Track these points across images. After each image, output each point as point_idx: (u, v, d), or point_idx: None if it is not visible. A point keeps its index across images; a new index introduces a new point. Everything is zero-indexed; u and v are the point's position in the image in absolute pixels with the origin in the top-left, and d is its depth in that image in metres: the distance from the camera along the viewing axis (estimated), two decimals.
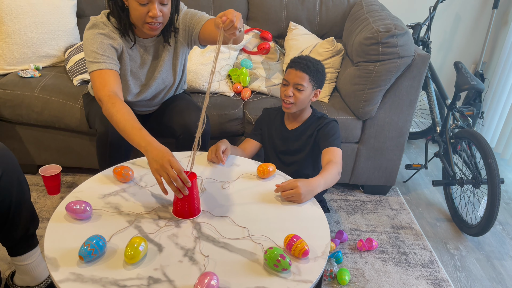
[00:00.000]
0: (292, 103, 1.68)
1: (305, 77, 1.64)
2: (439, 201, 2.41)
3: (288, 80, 1.67)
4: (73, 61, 2.23)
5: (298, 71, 1.64)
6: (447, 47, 3.01)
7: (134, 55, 1.66)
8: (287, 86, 1.68)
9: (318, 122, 1.76)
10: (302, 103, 1.69)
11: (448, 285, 1.78)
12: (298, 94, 1.66)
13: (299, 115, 1.78)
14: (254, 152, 1.86)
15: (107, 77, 1.49)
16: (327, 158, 1.62)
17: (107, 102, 1.42)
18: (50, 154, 2.20)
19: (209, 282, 0.96)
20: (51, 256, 1.06)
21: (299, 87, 1.65)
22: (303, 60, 1.66)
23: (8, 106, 2.06)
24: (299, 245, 1.11)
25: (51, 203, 2.06)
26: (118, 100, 1.42)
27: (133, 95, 1.74)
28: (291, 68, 1.67)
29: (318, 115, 1.79)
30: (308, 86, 1.66)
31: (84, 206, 1.17)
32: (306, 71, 1.64)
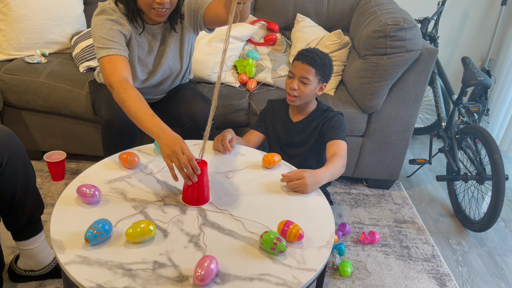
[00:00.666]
0: (297, 96, 1.67)
1: (311, 70, 1.63)
2: (442, 196, 2.41)
3: (294, 72, 1.66)
4: (79, 48, 2.23)
5: (304, 64, 1.63)
6: (454, 43, 2.99)
7: (142, 41, 1.65)
8: (292, 78, 1.66)
9: (323, 115, 1.75)
10: (306, 97, 1.68)
11: (449, 280, 1.78)
12: (303, 87, 1.64)
13: (304, 107, 1.77)
14: (258, 143, 1.85)
15: (117, 63, 1.48)
16: (332, 151, 1.61)
17: (119, 88, 1.40)
18: (55, 141, 2.21)
19: (208, 266, 0.97)
20: (57, 239, 1.06)
21: (304, 81, 1.63)
22: (310, 53, 1.64)
23: (14, 92, 2.06)
24: (293, 229, 1.12)
25: (55, 189, 2.07)
26: (129, 86, 1.41)
27: (139, 81, 1.74)
28: (297, 60, 1.65)
29: (323, 108, 1.78)
30: (314, 80, 1.65)
31: (93, 190, 1.18)
32: (312, 65, 1.62)
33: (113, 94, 1.45)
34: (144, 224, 1.07)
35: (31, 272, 1.51)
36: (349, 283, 1.70)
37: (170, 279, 0.98)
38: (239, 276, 1.01)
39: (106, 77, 1.48)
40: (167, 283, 0.97)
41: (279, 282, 1.00)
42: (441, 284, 1.76)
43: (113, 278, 0.97)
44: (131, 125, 1.65)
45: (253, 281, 1.00)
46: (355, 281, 1.72)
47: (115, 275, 0.98)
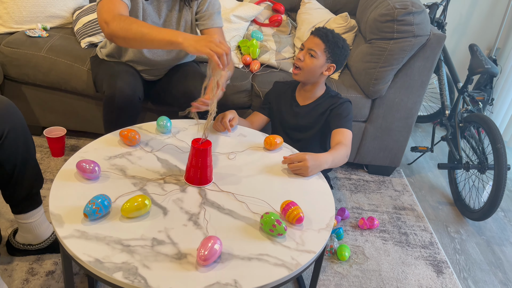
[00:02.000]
0: (300, 69, 1.65)
1: (321, 45, 1.62)
2: (442, 185, 2.40)
3: (305, 45, 1.66)
4: (81, 23, 2.19)
5: (316, 37, 1.63)
6: (462, 30, 2.95)
7: (147, 8, 1.62)
8: (302, 50, 1.66)
9: (331, 101, 1.72)
10: (310, 72, 1.65)
11: (446, 267, 1.79)
12: (308, 60, 1.63)
13: (311, 90, 1.74)
14: (261, 126, 1.84)
15: (117, 4, 1.41)
16: (337, 139, 1.60)
17: (119, 19, 1.33)
18: (55, 116, 2.19)
19: (212, 246, 0.96)
20: (56, 213, 1.05)
21: (312, 53, 1.62)
22: (324, 29, 1.64)
23: (15, 65, 2.03)
24: (294, 211, 1.11)
25: (54, 165, 2.06)
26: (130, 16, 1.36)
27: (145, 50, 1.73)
28: (311, 34, 1.66)
29: (331, 94, 1.75)
30: (322, 56, 1.62)
31: (93, 166, 1.17)
32: (323, 39, 1.62)
33: (109, 28, 1.33)
34: (140, 198, 1.06)
35: (29, 246, 1.51)
36: (347, 267, 1.71)
37: (168, 256, 0.98)
38: (237, 256, 1.00)
39: (101, 14, 1.37)
40: (166, 260, 0.96)
41: (278, 263, 1.00)
42: (437, 271, 1.76)
43: (111, 253, 0.96)
44: (133, 101, 1.63)
45: (252, 261, 1.00)
46: (353, 266, 1.72)
47: (114, 250, 0.97)
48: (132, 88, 1.62)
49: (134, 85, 1.63)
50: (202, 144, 1.20)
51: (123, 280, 0.90)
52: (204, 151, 1.19)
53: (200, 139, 1.21)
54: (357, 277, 1.67)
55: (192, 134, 1.49)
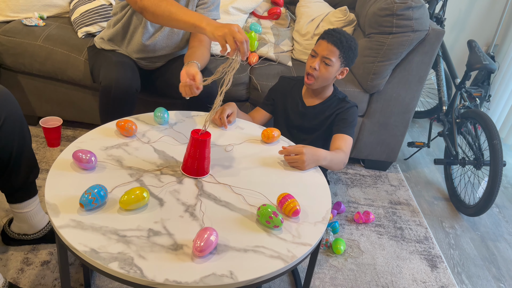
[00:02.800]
0: (315, 78, 1.57)
1: (336, 51, 1.53)
2: (438, 180, 2.41)
3: (317, 51, 1.56)
4: (78, 12, 2.17)
5: (330, 44, 1.53)
6: (461, 26, 2.95)
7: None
8: (315, 57, 1.56)
9: (339, 104, 1.66)
10: (325, 80, 1.58)
11: (441, 262, 1.80)
12: (324, 69, 1.55)
13: (320, 91, 1.66)
14: (263, 122, 1.77)
15: None
16: (337, 145, 1.55)
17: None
18: (51, 106, 2.18)
19: (208, 238, 0.96)
20: (51, 202, 1.05)
21: (327, 61, 1.54)
22: (337, 33, 1.54)
23: (11, 54, 2.01)
24: (290, 204, 1.11)
25: (50, 155, 2.05)
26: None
27: (149, 34, 1.73)
28: (323, 39, 1.55)
29: (339, 96, 1.68)
30: (337, 62, 1.55)
31: (89, 156, 1.16)
32: (337, 45, 1.52)
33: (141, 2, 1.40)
34: (138, 191, 1.06)
35: (24, 236, 1.51)
36: (342, 261, 1.72)
37: (164, 247, 0.98)
38: (233, 247, 1.01)
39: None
40: (162, 250, 0.96)
41: (274, 255, 1.00)
42: (432, 265, 1.77)
43: (107, 244, 0.96)
44: (130, 92, 1.62)
45: (248, 253, 1.00)
46: (348, 259, 1.73)
47: (109, 240, 0.97)
48: (129, 80, 1.61)
49: (131, 77, 1.63)
50: (201, 135, 1.19)
51: (118, 270, 0.90)
52: (203, 142, 1.19)
53: (199, 130, 1.21)
54: (352, 271, 1.68)
55: (189, 126, 1.49)
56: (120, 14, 1.74)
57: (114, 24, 1.78)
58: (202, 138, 1.18)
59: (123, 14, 1.73)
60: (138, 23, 1.73)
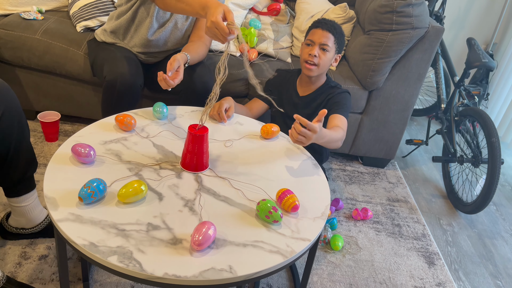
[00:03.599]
0: (316, 65, 1.61)
1: (331, 37, 1.60)
2: (436, 178, 2.42)
3: (313, 40, 1.61)
4: (77, 6, 2.16)
5: (324, 31, 1.60)
6: (460, 24, 2.95)
7: None
8: (311, 46, 1.62)
9: (329, 91, 1.69)
10: (324, 66, 1.64)
11: (438, 258, 1.81)
12: (323, 55, 1.60)
13: (314, 81, 1.70)
14: (260, 113, 1.81)
15: None
16: (334, 123, 1.55)
17: None
18: (49, 101, 2.17)
19: (206, 231, 0.96)
20: (50, 196, 1.05)
21: (325, 47, 1.60)
22: (328, 21, 1.62)
23: (9, 48, 2.00)
24: (290, 199, 1.11)
25: (48, 150, 2.05)
26: None
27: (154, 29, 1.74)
28: (316, 28, 1.62)
29: (331, 84, 1.71)
30: (332, 48, 1.62)
31: (88, 150, 1.16)
32: (332, 32, 1.60)
33: None
34: (136, 184, 1.06)
35: (22, 230, 1.51)
36: (340, 257, 1.72)
37: (163, 241, 0.97)
38: (232, 242, 1.00)
39: None
40: (161, 245, 0.96)
41: (273, 250, 1.00)
42: (429, 262, 1.78)
43: (106, 237, 0.96)
44: (134, 87, 1.62)
45: (247, 247, 1.00)
46: (346, 255, 1.73)
47: (108, 234, 0.97)
48: (134, 75, 1.61)
49: (136, 72, 1.63)
50: (198, 130, 1.19)
51: (118, 264, 0.90)
52: (201, 137, 1.19)
53: (197, 125, 1.21)
54: (350, 267, 1.68)
55: (188, 121, 1.49)
56: (125, 6, 1.74)
57: (117, 16, 1.77)
58: (200, 133, 1.18)
59: (129, 7, 1.73)
60: (144, 17, 1.72)
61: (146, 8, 1.71)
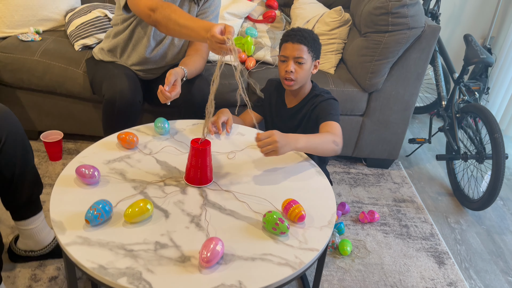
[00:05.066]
0: (294, 80, 1.55)
1: (304, 48, 1.52)
2: (441, 175, 2.41)
3: (286, 55, 1.54)
4: (74, 25, 2.18)
5: (295, 43, 1.52)
6: (456, 20, 2.95)
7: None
8: (285, 62, 1.55)
9: (314, 100, 1.60)
10: (303, 78, 1.57)
11: (448, 258, 1.80)
12: (299, 68, 1.53)
13: (298, 92, 1.64)
14: (254, 124, 1.78)
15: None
16: (324, 130, 1.50)
17: (162, 6, 1.43)
18: (51, 120, 2.18)
19: (214, 248, 0.96)
20: (57, 220, 1.05)
21: (299, 60, 1.52)
22: (297, 32, 1.54)
23: (9, 70, 2.02)
24: (296, 209, 1.11)
25: (53, 169, 2.05)
26: (170, 3, 1.43)
27: (151, 48, 1.75)
28: (286, 42, 1.54)
29: (316, 92, 1.64)
30: (308, 58, 1.54)
31: (92, 171, 1.16)
32: (303, 42, 1.52)
33: (155, 15, 1.45)
34: (142, 203, 1.06)
35: (31, 252, 1.51)
36: (349, 262, 1.71)
37: (172, 259, 0.98)
38: (241, 256, 1.01)
39: (144, 2, 1.47)
40: (169, 263, 0.96)
41: (282, 262, 1.00)
42: (439, 262, 1.77)
43: (115, 259, 0.96)
44: (133, 104, 1.63)
45: (255, 261, 1.00)
46: (355, 260, 1.73)
47: (117, 255, 0.97)
48: (133, 91, 1.62)
49: (134, 88, 1.64)
50: (201, 144, 1.20)
51: (128, 285, 0.90)
52: (204, 151, 1.19)
53: (199, 139, 1.21)
54: (360, 271, 1.68)
55: (190, 135, 1.49)
56: (121, 26, 1.75)
57: (114, 35, 1.78)
58: (202, 147, 1.19)
59: (125, 26, 1.74)
60: (141, 37, 1.73)
61: (143, 27, 1.72)
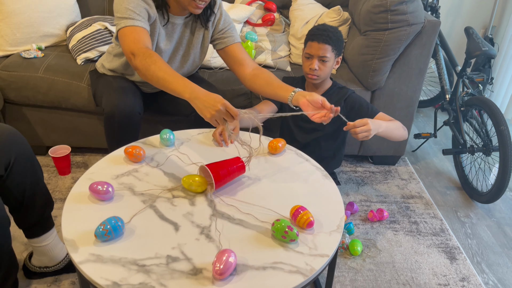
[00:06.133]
0: (317, 76, 1.69)
1: (328, 48, 1.65)
2: (448, 169, 2.40)
3: (311, 53, 1.67)
4: (76, 39, 2.20)
5: (321, 43, 1.64)
6: (456, 11, 2.93)
7: (161, 33, 1.63)
8: (310, 59, 1.68)
9: (341, 91, 1.77)
10: (326, 74, 1.71)
11: (459, 253, 1.80)
12: (322, 66, 1.67)
13: (321, 85, 1.78)
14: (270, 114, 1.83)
15: (141, 34, 1.44)
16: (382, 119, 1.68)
17: (144, 54, 1.36)
18: (58, 135, 2.20)
19: (227, 260, 0.97)
20: (69, 238, 1.07)
21: (323, 59, 1.66)
22: (323, 31, 1.65)
23: (13, 88, 2.04)
24: (304, 216, 1.12)
25: (62, 183, 2.08)
26: (153, 52, 1.38)
27: None
28: (312, 41, 1.66)
29: (339, 86, 1.80)
30: (332, 56, 1.68)
31: (106, 187, 1.18)
32: (328, 42, 1.64)
33: (135, 61, 1.39)
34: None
35: (45, 268, 1.53)
36: (360, 262, 1.72)
37: (184, 273, 0.99)
38: (252, 266, 1.01)
39: (128, 44, 1.42)
40: (182, 277, 0.98)
41: (292, 270, 1.01)
42: (451, 257, 1.77)
43: (128, 275, 0.97)
44: (133, 117, 1.64)
45: (267, 270, 1.01)
46: (366, 259, 1.73)
47: (130, 271, 0.98)
48: (131, 105, 1.62)
49: (133, 101, 1.64)
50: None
51: None
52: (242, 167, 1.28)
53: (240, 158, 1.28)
54: (371, 271, 1.68)
55: (195, 145, 1.50)
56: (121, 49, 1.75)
57: (116, 55, 1.76)
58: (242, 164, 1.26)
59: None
60: None
61: None
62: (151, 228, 1.11)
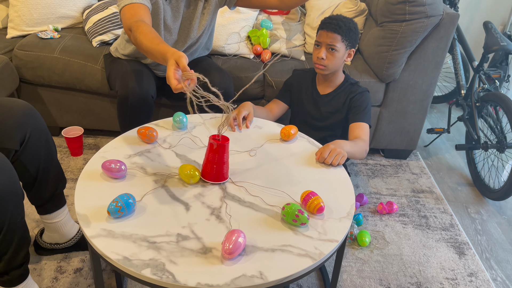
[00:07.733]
0: (325, 66, 1.64)
1: (337, 37, 1.60)
2: (460, 165, 2.38)
3: (320, 41, 1.64)
4: (92, 22, 2.21)
5: (329, 32, 1.61)
6: (475, 7, 2.89)
7: (167, 9, 1.63)
8: (319, 48, 1.64)
9: (351, 88, 1.72)
10: (335, 65, 1.66)
11: (468, 248, 1.79)
12: (331, 55, 1.62)
13: (332, 79, 1.73)
14: (281, 113, 1.83)
15: (138, 9, 1.43)
16: (356, 134, 1.60)
17: (135, 28, 1.33)
18: (72, 116, 2.22)
19: (236, 240, 0.98)
20: (82, 213, 1.08)
21: (332, 47, 1.61)
22: (333, 20, 1.61)
23: (30, 68, 2.06)
24: (314, 201, 1.12)
25: (74, 164, 2.10)
26: (143, 23, 1.35)
27: None
28: (322, 29, 1.63)
29: (351, 82, 1.75)
30: (341, 47, 1.62)
31: (119, 165, 1.19)
32: (337, 31, 1.60)
33: (131, 36, 1.37)
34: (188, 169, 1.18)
35: (56, 245, 1.55)
36: (368, 253, 1.72)
37: (194, 251, 1.00)
38: (261, 248, 1.02)
39: (125, 22, 1.41)
40: (191, 255, 0.98)
41: (301, 253, 1.01)
42: (459, 252, 1.76)
43: (139, 251, 0.98)
44: (146, 100, 1.65)
45: (276, 252, 1.01)
46: (374, 251, 1.73)
47: (140, 247, 0.99)
48: (145, 88, 1.63)
49: (147, 84, 1.65)
50: (220, 139, 1.19)
51: (151, 276, 0.93)
52: (222, 147, 1.19)
53: (217, 135, 1.20)
54: (379, 262, 1.68)
55: (208, 129, 1.51)
56: None
57: (128, 40, 1.76)
58: (221, 142, 1.18)
59: None
60: None
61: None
62: (162, 207, 1.12)
